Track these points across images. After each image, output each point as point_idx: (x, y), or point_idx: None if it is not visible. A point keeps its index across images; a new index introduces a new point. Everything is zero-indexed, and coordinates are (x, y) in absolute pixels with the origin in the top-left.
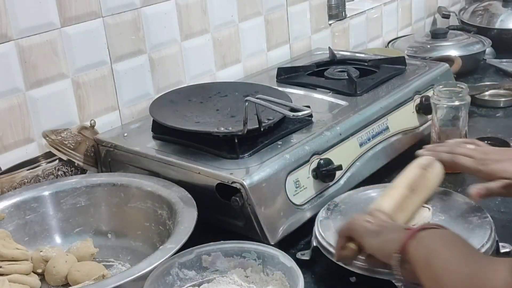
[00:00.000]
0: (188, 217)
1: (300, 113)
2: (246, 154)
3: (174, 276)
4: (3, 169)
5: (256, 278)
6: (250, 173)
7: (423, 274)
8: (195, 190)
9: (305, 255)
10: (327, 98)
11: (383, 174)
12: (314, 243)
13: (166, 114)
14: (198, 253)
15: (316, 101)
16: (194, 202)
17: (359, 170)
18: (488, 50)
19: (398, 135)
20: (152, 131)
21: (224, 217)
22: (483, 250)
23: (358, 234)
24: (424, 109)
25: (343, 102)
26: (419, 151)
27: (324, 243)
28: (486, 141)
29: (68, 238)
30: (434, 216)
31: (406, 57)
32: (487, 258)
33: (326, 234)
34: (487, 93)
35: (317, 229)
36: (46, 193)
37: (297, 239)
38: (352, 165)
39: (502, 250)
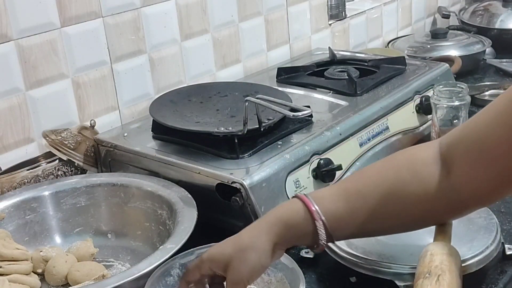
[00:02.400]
0: (188, 217)
1: (300, 113)
2: (246, 154)
3: (175, 276)
4: (3, 169)
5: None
6: (250, 173)
7: None
8: (195, 190)
9: (309, 253)
10: (327, 98)
11: None
12: None
13: (166, 114)
14: (199, 254)
15: (316, 101)
16: (194, 202)
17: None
18: (488, 50)
19: (398, 135)
20: (152, 131)
21: (224, 217)
22: (487, 251)
23: None
24: (424, 109)
25: (343, 102)
26: None
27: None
28: None
29: (68, 238)
30: None
31: (406, 57)
32: None
33: None
34: (487, 93)
35: None
36: (46, 193)
37: None
38: (352, 165)
39: (508, 252)
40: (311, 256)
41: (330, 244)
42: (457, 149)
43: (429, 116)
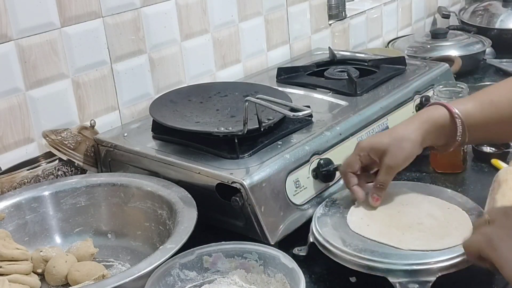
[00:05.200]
0: (188, 217)
1: (300, 113)
2: (246, 154)
3: (175, 276)
4: (3, 169)
5: (257, 279)
6: (250, 173)
7: None
8: (195, 190)
9: (301, 251)
10: (327, 98)
11: None
12: (311, 239)
13: (166, 114)
14: (199, 253)
15: (316, 101)
16: (194, 202)
17: None
18: (488, 50)
19: None
20: (152, 131)
21: (224, 217)
22: None
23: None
24: None
25: (343, 102)
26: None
27: (321, 239)
28: None
29: (68, 238)
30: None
31: (406, 57)
32: None
33: (323, 231)
34: None
35: (314, 225)
36: (46, 193)
37: (297, 239)
38: None
39: None
40: (304, 254)
41: (324, 243)
42: None
43: None
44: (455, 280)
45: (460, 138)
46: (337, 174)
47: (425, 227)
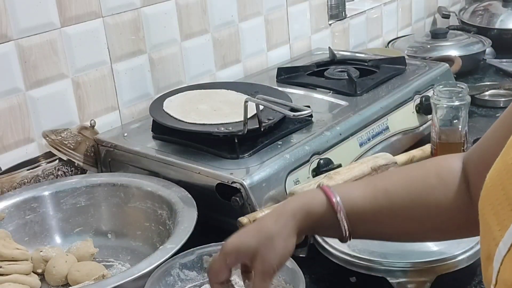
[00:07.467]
0: (188, 217)
1: (300, 113)
2: (246, 154)
3: (175, 276)
4: (3, 169)
5: None
6: (250, 173)
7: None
8: (195, 190)
9: (301, 253)
10: (327, 98)
11: None
12: (311, 241)
13: (166, 114)
14: (199, 253)
15: (316, 101)
16: (194, 202)
17: None
18: (488, 50)
19: (398, 135)
20: (152, 131)
21: (224, 217)
22: (477, 247)
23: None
24: (424, 109)
25: (343, 102)
26: None
27: (320, 240)
28: None
29: (68, 238)
30: None
31: (406, 57)
32: None
33: None
34: (487, 93)
35: None
36: (46, 193)
37: None
38: None
39: None
40: (304, 255)
41: (323, 243)
42: (472, 159)
43: (429, 116)
44: (454, 280)
45: (346, 232)
46: None
47: None
